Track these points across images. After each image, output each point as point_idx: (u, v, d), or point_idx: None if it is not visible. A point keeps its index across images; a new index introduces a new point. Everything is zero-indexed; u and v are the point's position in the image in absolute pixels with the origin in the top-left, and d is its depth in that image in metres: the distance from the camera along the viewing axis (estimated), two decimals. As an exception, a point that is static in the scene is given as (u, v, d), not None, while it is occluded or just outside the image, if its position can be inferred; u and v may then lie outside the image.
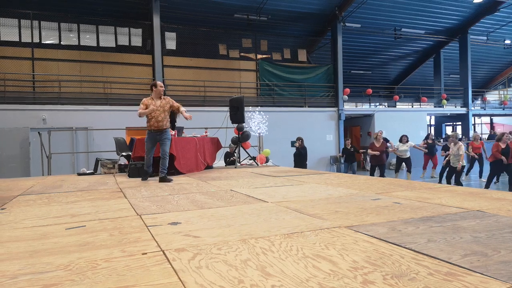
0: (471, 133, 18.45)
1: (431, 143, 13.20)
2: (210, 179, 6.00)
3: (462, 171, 9.61)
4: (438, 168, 12.24)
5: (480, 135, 14.67)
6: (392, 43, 19.96)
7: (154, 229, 2.64)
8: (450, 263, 1.78)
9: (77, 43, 14.18)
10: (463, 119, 20.99)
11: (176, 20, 14.89)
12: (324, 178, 5.66)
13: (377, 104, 20.07)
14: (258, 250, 2.08)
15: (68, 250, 2.17)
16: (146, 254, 2.06)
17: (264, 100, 15.79)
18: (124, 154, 7.75)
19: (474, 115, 22.43)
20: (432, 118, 24.43)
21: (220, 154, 9.47)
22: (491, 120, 26.27)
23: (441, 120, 24.41)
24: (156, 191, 4.72)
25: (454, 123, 24.67)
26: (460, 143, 9.45)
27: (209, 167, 8.14)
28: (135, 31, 14.92)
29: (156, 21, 13.71)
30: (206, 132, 8.67)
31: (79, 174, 7.60)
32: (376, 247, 2.06)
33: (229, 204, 3.58)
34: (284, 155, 13.19)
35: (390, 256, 1.91)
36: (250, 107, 13.06)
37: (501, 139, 9.22)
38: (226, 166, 9.27)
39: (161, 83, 6.05)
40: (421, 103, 20.32)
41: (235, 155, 8.89)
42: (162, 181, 5.71)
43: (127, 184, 5.53)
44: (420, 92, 20.72)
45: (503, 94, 23.61)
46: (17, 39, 13.21)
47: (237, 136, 8.72)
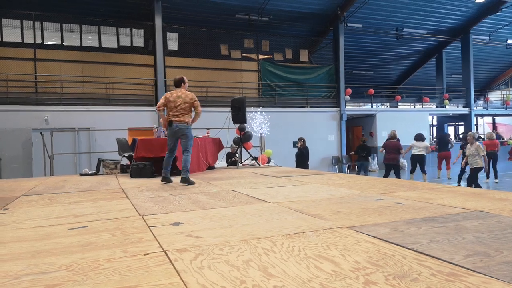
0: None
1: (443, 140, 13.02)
2: (212, 179, 6.01)
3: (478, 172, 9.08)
4: (454, 169, 11.92)
5: (494, 134, 14.45)
6: (394, 43, 19.92)
7: (156, 229, 2.64)
8: (453, 263, 1.77)
9: (79, 44, 14.20)
10: (465, 119, 20.93)
11: (178, 21, 14.90)
12: (326, 179, 5.65)
13: (379, 104, 20.03)
14: (260, 250, 2.08)
15: (71, 251, 2.18)
16: (148, 254, 2.06)
17: (266, 101, 15.78)
18: (126, 154, 7.76)
19: (477, 115, 22.37)
20: (434, 118, 24.37)
21: (222, 155, 9.47)
22: (493, 120, 26.19)
23: (443, 120, 24.35)
24: (158, 191, 4.73)
25: (457, 123, 24.61)
26: (478, 143, 9.04)
27: (211, 167, 8.15)
28: (137, 31, 14.93)
29: (158, 21, 13.72)
30: (208, 133, 8.67)
31: (81, 175, 7.62)
32: (378, 248, 2.06)
33: (231, 205, 3.59)
34: (286, 155, 13.18)
35: (392, 256, 1.91)
36: (252, 108, 13.06)
37: None
38: (228, 166, 9.27)
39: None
40: (423, 103, 20.28)
41: (237, 155, 8.89)
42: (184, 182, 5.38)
43: (129, 185, 5.54)
44: (422, 92, 20.67)
45: (506, 94, 23.54)
46: (19, 40, 13.24)
47: (239, 136, 8.72)
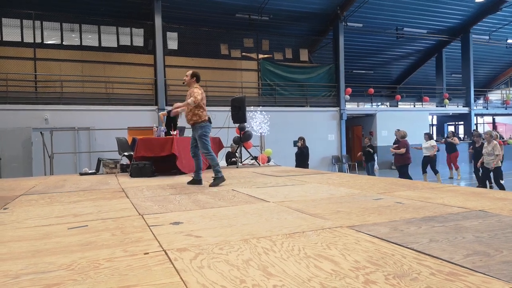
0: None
1: (450, 141, 12.94)
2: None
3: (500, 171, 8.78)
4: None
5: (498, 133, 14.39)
6: (394, 42, 19.92)
7: (156, 229, 2.64)
8: (452, 263, 1.77)
9: (79, 43, 14.20)
10: (465, 118, 20.95)
11: (178, 20, 14.89)
12: (326, 178, 5.65)
13: (379, 103, 20.04)
14: (260, 250, 2.08)
15: (71, 250, 2.18)
16: (148, 254, 2.06)
17: (266, 100, 15.78)
18: (126, 154, 7.76)
19: (476, 115, 22.37)
20: (434, 117, 24.38)
21: (222, 154, 9.47)
22: (493, 119, 26.20)
23: (443, 120, 24.36)
24: (158, 191, 4.73)
25: (456, 123, 24.62)
26: (495, 142, 8.66)
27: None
28: (137, 31, 14.93)
29: (158, 21, 13.72)
30: (208, 132, 8.65)
31: (81, 174, 7.62)
32: (378, 247, 2.06)
33: (230, 204, 3.59)
34: (286, 155, 13.18)
35: (392, 256, 1.91)
36: (252, 107, 13.06)
37: None
38: (227, 166, 9.27)
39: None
40: (423, 103, 20.28)
41: (237, 155, 8.89)
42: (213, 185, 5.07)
43: (129, 184, 5.54)
44: (422, 92, 20.67)
45: (506, 94, 23.54)
46: (19, 39, 13.24)
47: (238, 136, 8.73)
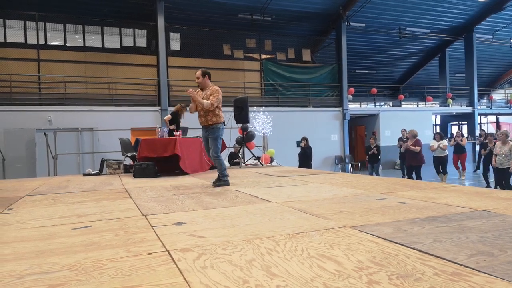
0: (477, 132, 18.31)
1: (458, 142, 12.84)
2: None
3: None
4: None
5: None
6: (397, 42, 19.87)
7: (159, 229, 2.65)
8: (456, 263, 1.77)
9: (82, 44, 14.24)
10: (469, 118, 20.86)
11: (181, 21, 14.92)
12: (328, 178, 5.65)
13: (382, 103, 20.01)
14: (263, 250, 2.08)
15: (74, 250, 2.18)
16: (151, 254, 2.06)
17: (269, 100, 15.77)
18: (129, 154, 7.79)
19: (480, 114, 22.28)
20: (438, 117, 24.30)
21: (225, 155, 9.47)
22: (497, 119, 26.08)
23: (446, 120, 24.27)
24: (161, 191, 4.74)
25: (460, 123, 24.53)
26: (511, 143, 8.30)
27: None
28: (140, 32, 14.96)
29: (161, 22, 13.75)
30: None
31: (85, 175, 7.64)
32: (381, 247, 2.06)
33: (233, 204, 3.59)
34: (289, 155, 13.17)
35: (395, 256, 1.90)
36: (255, 107, 13.06)
37: None
38: (230, 166, 9.27)
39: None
40: (426, 103, 20.21)
41: (240, 155, 8.89)
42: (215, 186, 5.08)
43: (132, 185, 5.56)
44: (426, 92, 20.60)
45: (509, 93, 23.43)
46: (23, 41, 13.30)
47: (241, 136, 8.73)
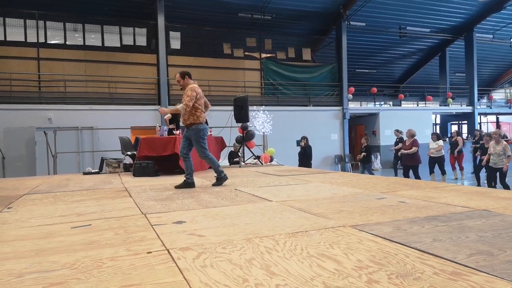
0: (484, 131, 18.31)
1: (454, 141, 12.86)
2: (214, 178, 6.00)
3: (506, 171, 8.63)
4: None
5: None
6: (397, 41, 19.85)
7: (159, 228, 2.65)
8: (456, 262, 1.77)
9: (82, 43, 14.23)
10: (469, 118, 20.86)
11: (181, 20, 14.91)
12: (328, 177, 5.65)
13: (382, 103, 20.00)
14: (263, 249, 2.08)
15: (74, 249, 2.18)
16: (151, 253, 2.07)
17: (269, 99, 15.77)
18: (129, 153, 7.79)
19: (480, 114, 22.27)
20: (438, 117, 24.30)
21: (225, 154, 9.48)
22: (497, 118, 26.08)
23: (446, 119, 24.27)
24: (161, 190, 4.74)
25: (460, 122, 24.54)
26: (505, 142, 8.44)
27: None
28: (140, 30, 14.95)
29: (161, 20, 13.73)
30: (210, 131, 8.66)
31: (85, 173, 7.65)
32: (381, 247, 2.06)
33: (233, 203, 3.59)
34: (289, 154, 13.17)
35: (395, 255, 1.90)
36: (255, 106, 13.06)
37: None
38: (230, 165, 9.27)
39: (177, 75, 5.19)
40: (426, 102, 20.21)
41: (240, 154, 8.89)
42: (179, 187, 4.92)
43: (132, 183, 5.56)
44: (426, 91, 20.59)
45: (510, 93, 23.43)
46: (22, 39, 13.29)
47: (241, 135, 8.72)
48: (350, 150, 17.12)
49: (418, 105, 20.45)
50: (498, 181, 8.80)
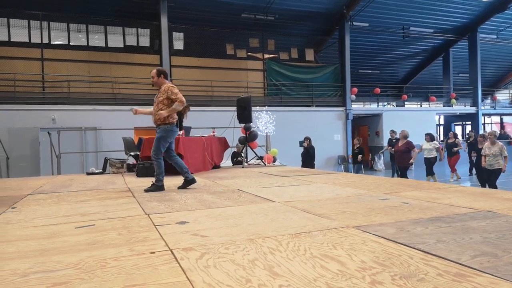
0: (481, 132, 18.23)
1: (451, 143, 12.79)
2: (217, 178, 6.01)
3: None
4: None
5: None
6: (400, 42, 19.81)
7: (162, 228, 2.65)
8: (460, 263, 1.76)
9: (85, 44, 14.29)
10: (472, 118, 20.76)
11: (184, 20, 14.93)
12: (331, 178, 5.64)
13: (385, 103, 19.93)
14: (266, 249, 2.08)
15: (78, 249, 2.19)
16: (154, 253, 2.07)
17: (272, 100, 15.77)
18: (132, 153, 7.79)
19: (484, 115, 22.16)
20: (441, 117, 24.20)
21: (228, 154, 9.48)
22: (501, 119, 25.96)
23: (450, 120, 24.17)
24: (164, 190, 4.74)
25: (464, 123, 24.43)
26: (501, 143, 8.36)
27: (216, 166, 8.16)
28: (143, 31, 14.99)
29: (164, 21, 13.77)
30: (213, 132, 8.68)
31: (88, 174, 7.67)
32: (384, 248, 2.05)
33: (236, 204, 3.59)
34: (292, 154, 13.14)
35: (398, 256, 1.90)
36: (258, 107, 13.05)
37: None
38: (233, 165, 9.28)
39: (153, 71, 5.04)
40: (430, 103, 20.14)
41: (243, 154, 8.89)
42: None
43: (135, 184, 5.57)
44: (429, 92, 20.52)
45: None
46: (26, 40, 13.36)
47: (244, 135, 8.73)
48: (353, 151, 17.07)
49: (421, 105, 20.37)
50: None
